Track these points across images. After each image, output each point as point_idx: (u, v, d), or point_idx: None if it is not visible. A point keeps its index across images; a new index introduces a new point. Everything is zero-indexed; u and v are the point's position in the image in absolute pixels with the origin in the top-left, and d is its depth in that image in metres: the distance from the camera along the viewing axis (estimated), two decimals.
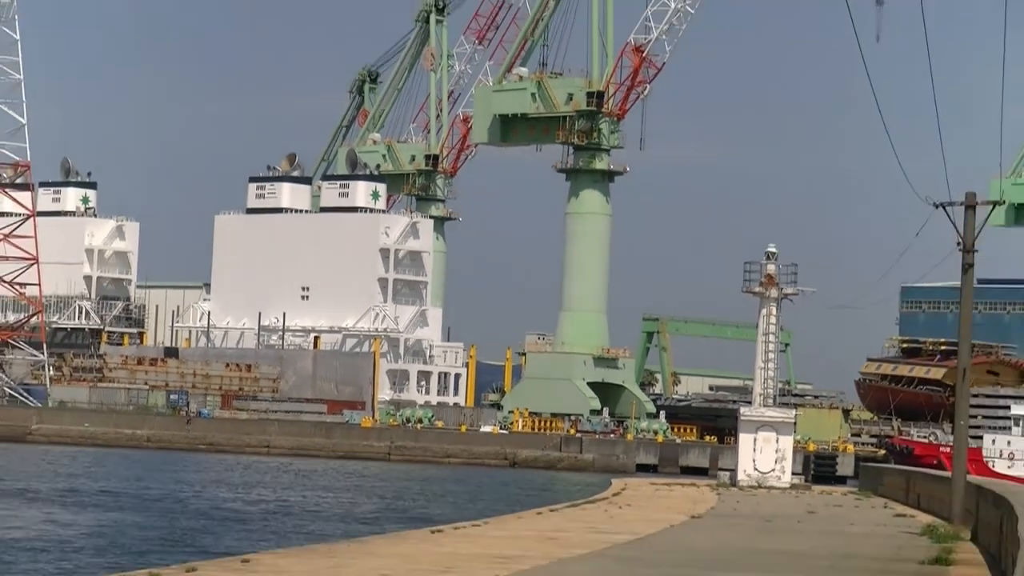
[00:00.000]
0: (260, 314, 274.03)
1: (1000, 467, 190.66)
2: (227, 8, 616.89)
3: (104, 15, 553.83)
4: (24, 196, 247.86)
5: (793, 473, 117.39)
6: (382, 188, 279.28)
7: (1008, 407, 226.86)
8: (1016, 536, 36.85)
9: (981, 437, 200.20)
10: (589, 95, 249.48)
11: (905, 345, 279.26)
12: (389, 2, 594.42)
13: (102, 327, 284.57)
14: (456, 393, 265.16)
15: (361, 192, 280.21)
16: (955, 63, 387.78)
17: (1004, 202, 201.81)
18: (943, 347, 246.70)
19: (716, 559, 47.74)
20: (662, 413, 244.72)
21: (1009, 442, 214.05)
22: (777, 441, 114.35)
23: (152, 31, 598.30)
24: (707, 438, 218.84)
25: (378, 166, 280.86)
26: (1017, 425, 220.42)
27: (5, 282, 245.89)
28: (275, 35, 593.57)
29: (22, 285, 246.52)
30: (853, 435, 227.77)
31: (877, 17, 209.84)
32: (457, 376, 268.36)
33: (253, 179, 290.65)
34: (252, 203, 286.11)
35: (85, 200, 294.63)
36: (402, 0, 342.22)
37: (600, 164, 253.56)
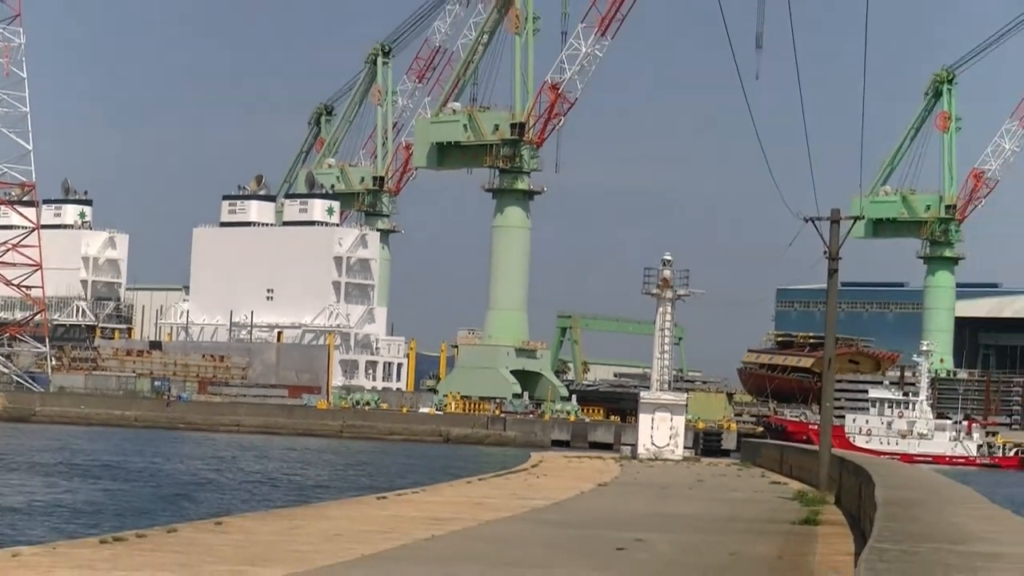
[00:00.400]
0: (231, 312, 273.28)
1: (859, 441, 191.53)
2: (208, 51, 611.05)
3: (98, 54, 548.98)
4: (30, 212, 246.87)
5: (685, 447, 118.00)
6: (336, 205, 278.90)
7: (866, 391, 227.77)
8: (873, 500, 37.84)
9: (843, 416, 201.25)
10: (512, 126, 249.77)
11: (780, 338, 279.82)
12: (343, 47, 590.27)
13: (96, 324, 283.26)
14: (398, 379, 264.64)
15: (318, 209, 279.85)
16: (825, 98, 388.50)
17: (863, 217, 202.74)
18: (812, 340, 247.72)
19: (620, 520, 48.47)
20: (573, 397, 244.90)
21: (867, 420, 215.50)
22: (671, 420, 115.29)
23: (141, 69, 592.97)
24: (612, 418, 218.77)
25: (332, 186, 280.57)
26: (874, 406, 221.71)
27: (13, 285, 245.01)
28: (248, 73, 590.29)
29: (28, 287, 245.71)
30: (736, 415, 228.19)
31: (757, 59, 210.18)
32: (399, 365, 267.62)
33: (226, 197, 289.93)
34: (225, 217, 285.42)
35: (82, 215, 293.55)
36: (353, 45, 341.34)
37: (521, 185, 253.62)
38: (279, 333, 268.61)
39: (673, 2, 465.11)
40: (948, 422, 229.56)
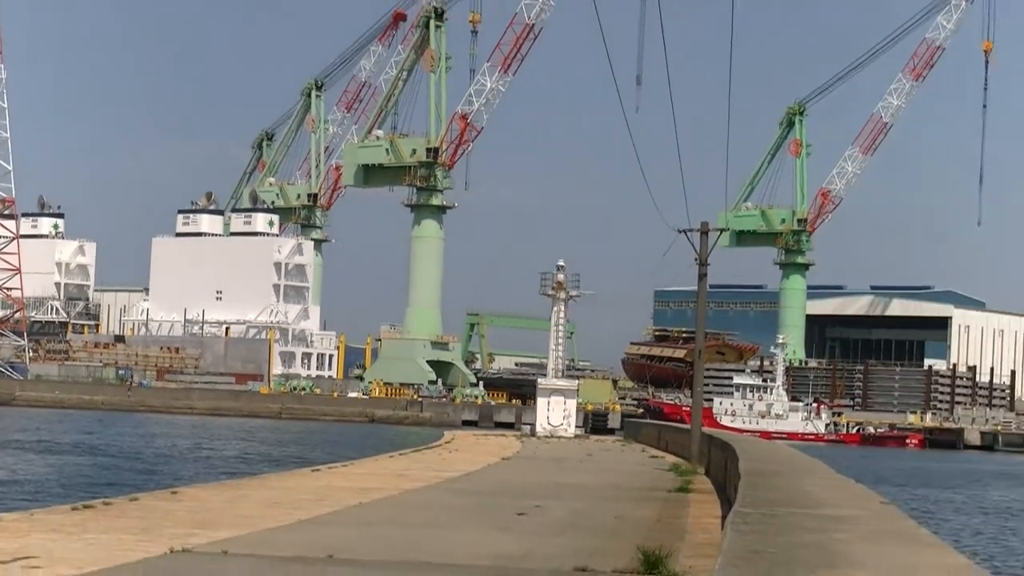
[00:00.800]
0: (185, 311, 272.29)
1: (725, 421, 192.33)
2: (166, 86, 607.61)
3: (71, 85, 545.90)
4: (10, 223, 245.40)
5: (576, 426, 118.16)
6: (276, 218, 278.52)
7: (731, 378, 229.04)
8: (737, 471, 38.02)
9: (712, 399, 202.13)
10: (428, 150, 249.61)
11: (657, 333, 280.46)
12: (282, 81, 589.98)
13: (68, 320, 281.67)
14: (330, 368, 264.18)
15: (260, 221, 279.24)
16: (696, 126, 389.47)
17: (728, 229, 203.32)
18: (684, 334, 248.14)
19: (521, 489, 48.56)
20: (480, 383, 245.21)
21: (732, 403, 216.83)
22: (565, 403, 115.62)
23: (108, 99, 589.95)
24: (513, 401, 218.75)
25: (272, 202, 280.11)
26: (737, 391, 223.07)
27: None
28: (200, 103, 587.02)
29: (8, 289, 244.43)
30: (620, 398, 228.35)
31: (637, 94, 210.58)
32: (330, 356, 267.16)
33: (181, 211, 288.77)
34: (179, 228, 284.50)
35: (56, 227, 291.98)
36: (291, 80, 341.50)
37: (435, 201, 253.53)
38: (227, 328, 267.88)
39: (567, 45, 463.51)
40: (800, 404, 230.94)
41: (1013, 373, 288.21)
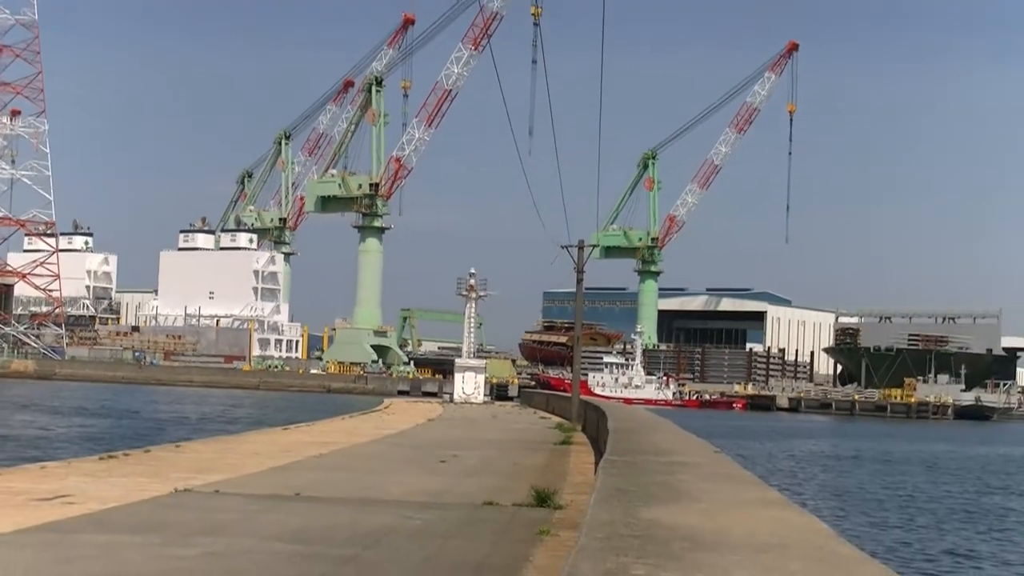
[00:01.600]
0: (186, 307, 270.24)
1: (598, 390, 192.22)
2: (169, 132, 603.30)
3: (95, 130, 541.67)
4: (51, 240, 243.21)
5: (484, 395, 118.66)
6: (255, 237, 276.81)
7: (602, 358, 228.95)
8: (606, 428, 38.06)
9: (587, 374, 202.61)
10: (370, 185, 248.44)
11: (546, 324, 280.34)
12: (259, 132, 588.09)
13: (95, 314, 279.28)
14: (296, 351, 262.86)
15: (243, 239, 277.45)
16: (576, 166, 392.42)
17: (598, 245, 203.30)
18: (566, 325, 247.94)
19: (443, 442, 48.47)
20: (411, 362, 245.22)
21: (602, 377, 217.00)
22: (475, 377, 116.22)
23: (127, 142, 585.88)
24: (436, 376, 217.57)
25: (252, 224, 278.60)
26: (607, 368, 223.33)
27: (40, 289, 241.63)
28: (197, 146, 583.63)
29: (50, 291, 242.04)
30: (517, 374, 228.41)
31: (529, 142, 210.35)
32: (296, 342, 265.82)
33: (182, 231, 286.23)
34: (181, 244, 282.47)
35: (86, 243, 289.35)
36: (266, 131, 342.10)
37: (376, 224, 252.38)
38: (217, 321, 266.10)
39: (477, 104, 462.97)
40: (653, 378, 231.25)
41: (812, 354, 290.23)
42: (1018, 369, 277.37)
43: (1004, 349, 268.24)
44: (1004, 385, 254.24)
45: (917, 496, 65.53)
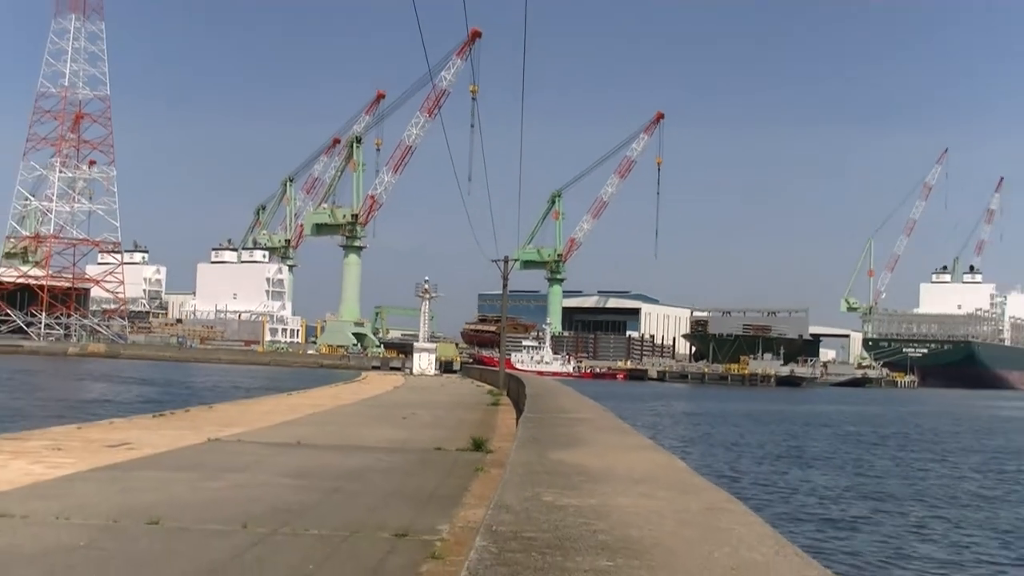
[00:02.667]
0: (216, 305, 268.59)
1: (518, 366, 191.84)
2: (198, 173, 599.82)
3: (151, 166, 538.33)
4: (118, 256, 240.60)
5: (435, 369, 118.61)
6: (267, 253, 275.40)
7: (521, 342, 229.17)
8: (524, 393, 38.06)
9: (511, 354, 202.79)
10: (352, 215, 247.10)
11: (480, 317, 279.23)
12: (270, 175, 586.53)
13: (149, 310, 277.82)
14: (297, 337, 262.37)
15: (258, 255, 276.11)
16: (503, 201, 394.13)
17: (518, 259, 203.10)
18: (495, 318, 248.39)
19: (404, 404, 48.29)
20: (382, 345, 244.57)
21: (521, 356, 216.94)
22: (429, 356, 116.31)
23: (170, 176, 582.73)
24: (400, 355, 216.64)
25: (265, 244, 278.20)
26: (525, 349, 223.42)
27: (109, 291, 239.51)
28: (225, 187, 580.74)
29: (116, 293, 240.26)
30: (460, 353, 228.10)
31: (468, 185, 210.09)
32: (297, 330, 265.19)
33: (214, 248, 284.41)
34: (213, 259, 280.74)
35: (143, 258, 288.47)
36: (275, 175, 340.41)
37: (356, 244, 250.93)
38: (239, 315, 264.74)
39: (430, 155, 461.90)
40: (559, 356, 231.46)
41: (674, 339, 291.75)
42: (820, 349, 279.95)
43: (811, 335, 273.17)
44: (810, 361, 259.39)
45: (746, 440, 65.96)
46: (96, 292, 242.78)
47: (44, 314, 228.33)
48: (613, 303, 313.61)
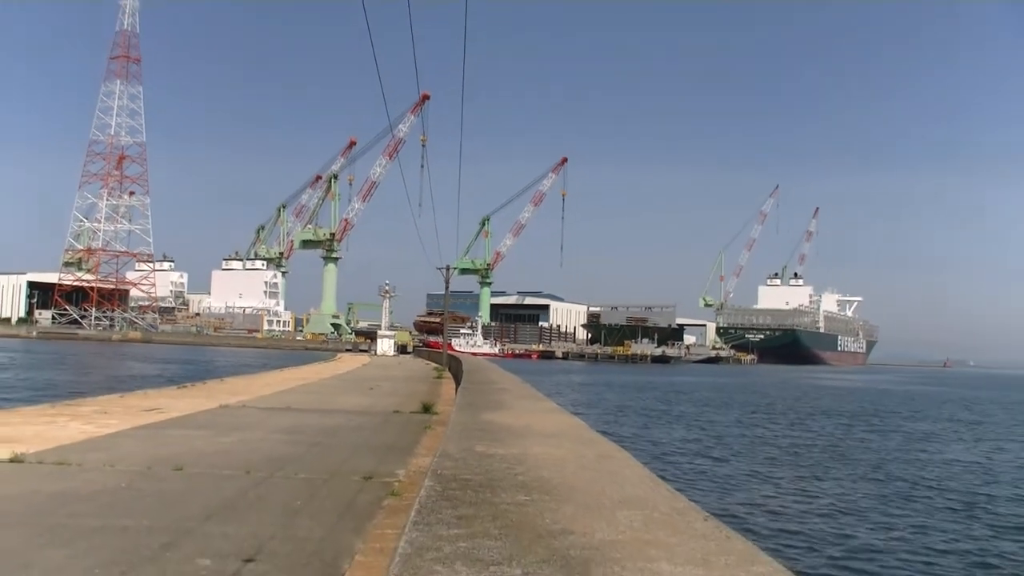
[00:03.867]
0: (226, 302, 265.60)
1: (457, 349, 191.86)
2: (210, 200, 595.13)
3: (173, 199, 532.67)
4: (150, 264, 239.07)
5: (394, 352, 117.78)
6: (265, 263, 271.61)
7: (459, 330, 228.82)
8: (462, 369, 38.07)
9: (451, 339, 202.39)
10: (331, 234, 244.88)
11: (429, 312, 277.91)
12: (266, 204, 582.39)
13: (174, 306, 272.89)
14: (288, 327, 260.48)
15: (259, 264, 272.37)
16: (447, 222, 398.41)
17: (457, 267, 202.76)
18: (440, 312, 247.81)
19: (371, 377, 48.07)
20: (353, 333, 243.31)
21: (460, 341, 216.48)
22: (389, 341, 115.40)
23: (191, 203, 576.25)
24: (367, 340, 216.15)
25: (264, 256, 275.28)
26: (462, 336, 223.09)
27: (144, 292, 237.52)
28: (229, 212, 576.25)
29: (149, 293, 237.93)
30: (413, 339, 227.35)
31: (419, 211, 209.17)
32: (288, 322, 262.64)
33: (224, 259, 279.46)
34: (223, 267, 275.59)
35: (170, 265, 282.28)
36: (270, 204, 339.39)
37: (334, 255, 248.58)
38: (244, 309, 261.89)
39: (391, 188, 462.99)
40: (488, 341, 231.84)
41: (575, 328, 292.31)
42: (684, 335, 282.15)
43: (677, 324, 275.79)
44: (677, 344, 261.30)
45: (631, 405, 66.36)
46: (134, 292, 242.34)
47: (94, 309, 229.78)
48: (529, 300, 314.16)
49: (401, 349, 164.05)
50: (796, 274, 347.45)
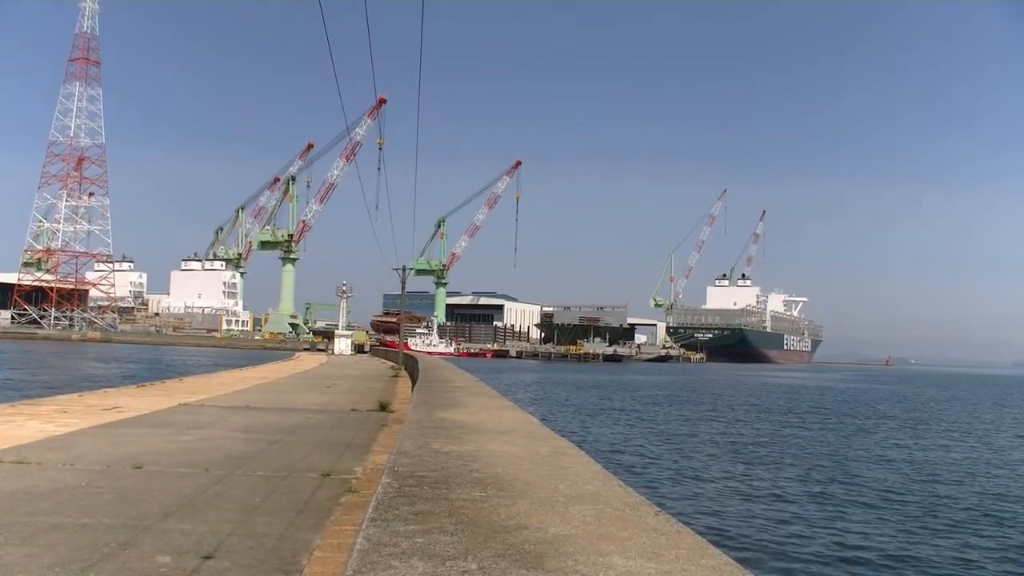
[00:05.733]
0: (185, 303, 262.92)
1: (413, 348, 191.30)
2: (177, 199, 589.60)
3: (131, 194, 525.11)
4: (109, 265, 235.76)
5: (351, 351, 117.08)
6: (224, 264, 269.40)
7: (415, 330, 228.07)
8: (418, 368, 37.98)
9: (407, 338, 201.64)
10: (288, 235, 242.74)
11: (385, 311, 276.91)
12: (225, 206, 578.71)
13: (134, 306, 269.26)
14: (247, 327, 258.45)
15: (217, 265, 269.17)
16: (401, 226, 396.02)
17: (413, 268, 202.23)
18: (396, 311, 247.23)
19: (328, 376, 47.92)
20: (311, 332, 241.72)
21: (416, 340, 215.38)
22: (346, 340, 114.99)
23: (150, 205, 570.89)
24: (325, 340, 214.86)
25: (223, 257, 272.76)
26: (418, 335, 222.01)
27: (104, 292, 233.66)
28: (189, 215, 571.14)
29: (109, 293, 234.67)
30: (369, 339, 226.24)
31: (376, 213, 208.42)
32: (246, 321, 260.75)
33: (183, 259, 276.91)
34: (182, 267, 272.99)
35: (130, 266, 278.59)
36: (229, 205, 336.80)
37: (292, 256, 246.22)
38: (203, 310, 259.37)
39: (348, 191, 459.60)
40: (443, 340, 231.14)
41: (529, 328, 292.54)
42: (635, 334, 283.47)
43: (628, 324, 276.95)
44: (628, 343, 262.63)
45: (584, 403, 66.57)
46: (93, 292, 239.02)
47: (53, 309, 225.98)
48: (484, 300, 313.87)
49: (358, 348, 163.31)
50: (744, 275, 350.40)
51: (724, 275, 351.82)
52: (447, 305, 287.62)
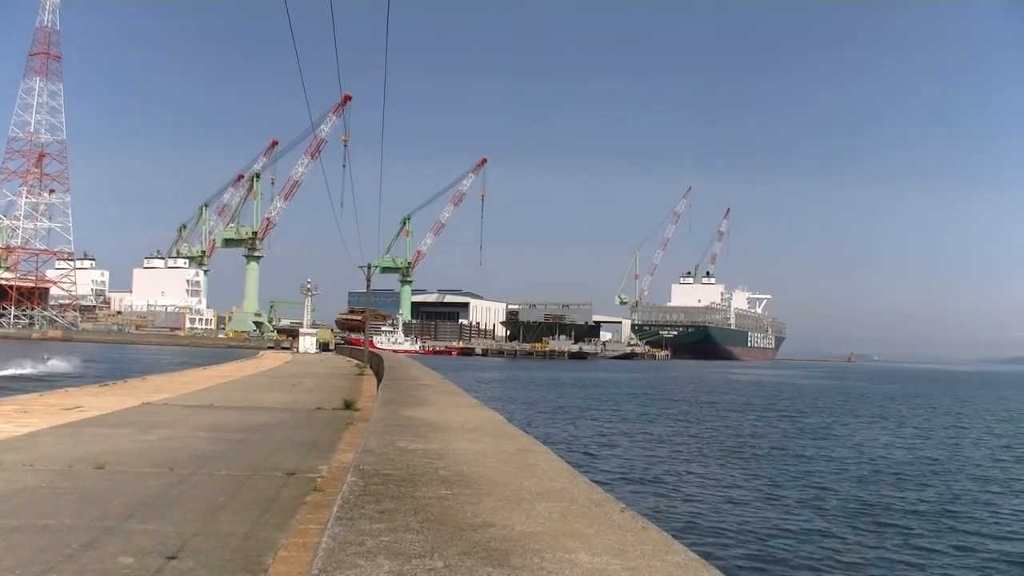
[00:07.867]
0: (147, 301, 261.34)
1: (379, 346, 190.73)
2: (147, 198, 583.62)
3: (90, 194, 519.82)
4: (71, 263, 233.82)
5: (316, 349, 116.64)
6: (188, 261, 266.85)
7: (380, 328, 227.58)
8: (383, 365, 37.91)
9: (373, 337, 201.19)
10: (253, 232, 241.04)
11: (351, 309, 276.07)
12: (188, 203, 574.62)
13: (95, 304, 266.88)
14: (210, 325, 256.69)
15: (181, 263, 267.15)
16: (367, 225, 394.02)
17: (379, 266, 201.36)
18: (361, 310, 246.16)
19: (293, 374, 47.69)
20: (275, 330, 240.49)
21: (381, 338, 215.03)
22: (311, 339, 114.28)
23: (114, 202, 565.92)
24: (289, 338, 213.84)
25: (186, 254, 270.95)
26: (383, 333, 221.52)
27: (64, 290, 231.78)
28: (152, 211, 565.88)
29: (70, 291, 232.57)
30: (334, 337, 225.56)
31: (341, 210, 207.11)
32: (210, 319, 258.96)
33: (147, 257, 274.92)
34: (146, 265, 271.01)
35: (91, 264, 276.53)
36: (192, 203, 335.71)
37: (256, 254, 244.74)
38: (166, 308, 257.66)
39: (313, 187, 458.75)
40: (408, 338, 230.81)
41: (494, 325, 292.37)
42: (601, 332, 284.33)
43: (594, 322, 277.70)
44: (593, 341, 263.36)
45: (548, 400, 66.67)
46: (54, 290, 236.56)
47: (13, 307, 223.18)
48: (449, 298, 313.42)
49: (323, 347, 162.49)
50: (708, 273, 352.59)
51: (689, 273, 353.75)
52: (413, 303, 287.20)
